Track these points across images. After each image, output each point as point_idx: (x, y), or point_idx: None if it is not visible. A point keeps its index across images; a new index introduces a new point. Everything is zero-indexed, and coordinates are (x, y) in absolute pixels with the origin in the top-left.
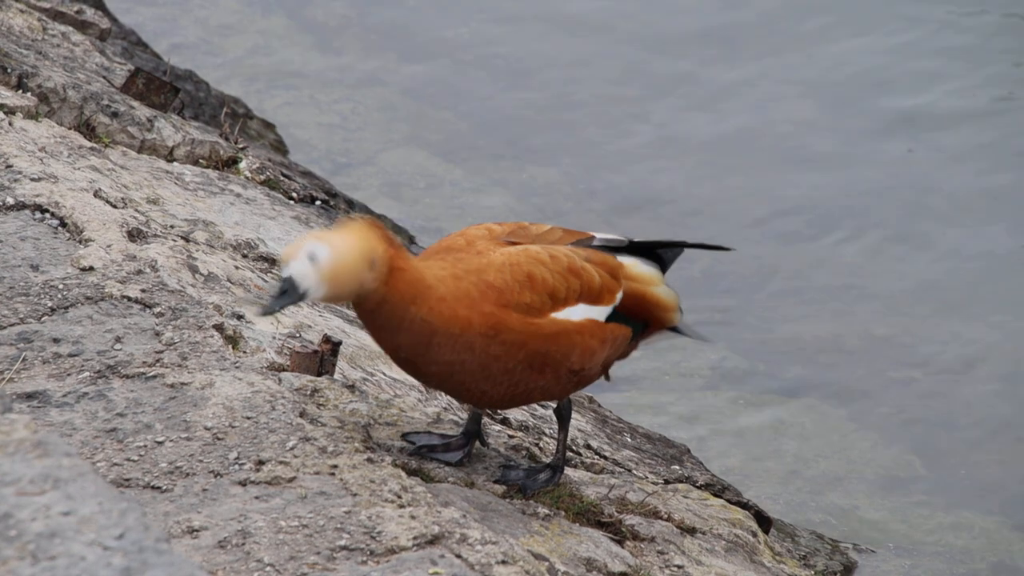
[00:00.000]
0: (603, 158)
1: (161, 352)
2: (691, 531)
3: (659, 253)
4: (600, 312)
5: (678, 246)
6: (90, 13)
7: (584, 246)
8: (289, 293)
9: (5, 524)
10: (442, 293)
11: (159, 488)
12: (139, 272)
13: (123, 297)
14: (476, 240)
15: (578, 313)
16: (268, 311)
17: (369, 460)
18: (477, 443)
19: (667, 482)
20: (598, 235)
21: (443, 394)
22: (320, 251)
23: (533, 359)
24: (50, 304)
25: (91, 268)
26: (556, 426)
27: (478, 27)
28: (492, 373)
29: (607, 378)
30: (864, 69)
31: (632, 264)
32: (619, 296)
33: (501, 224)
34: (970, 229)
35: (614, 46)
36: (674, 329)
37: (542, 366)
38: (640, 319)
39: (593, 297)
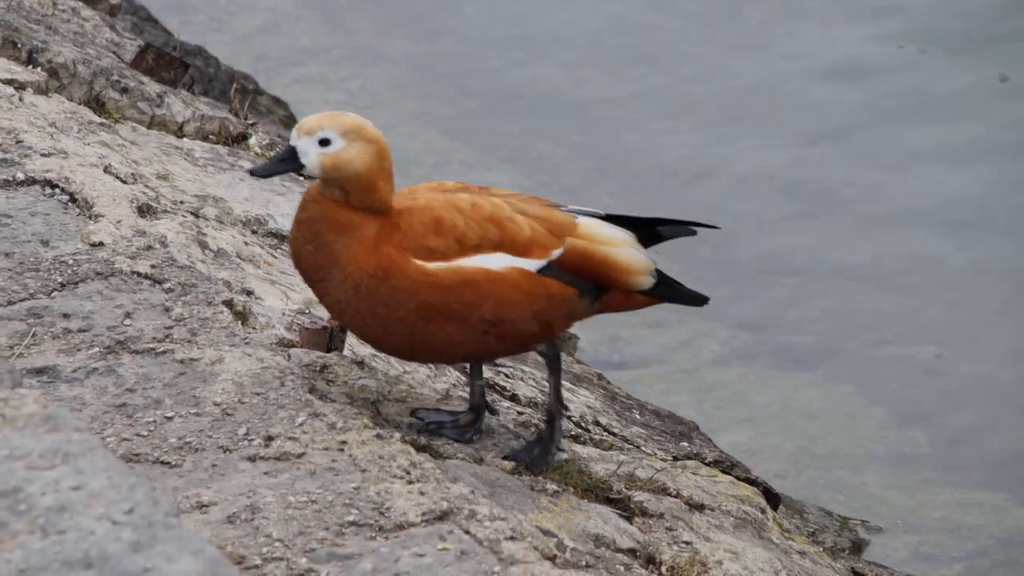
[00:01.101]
0: (613, 135)
1: (171, 328)
2: (700, 508)
3: (659, 231)
4: (526, 265)
5: (654, 223)
6: None
7: None
8: (287, 162)
9: (15, 498)
10: (363, 233)
11: (168, 463)
12: (149, 248)
13: (133, 273)
14: (417, 189)
15: (495, 262)
16: (261, 172)
17: (378, 436)
18: (487, 414)
19: (676, 459)
20: (570, 206)
21: (452, 369)
22: (335, 141)
23: (427, 311)
24: (60, 279)
25: (101, 244)
26: (570, 404)
27: (485, 4)
28: (382, 320)
29: (558, 337)
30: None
31: (590, 224)
32: (556, 252)
33: (465, 185)
34: (973, 203)
35: (624, 20)
36: (662, 297)
37: (442, 318)
38: (590, 279)
39: (518, 249)
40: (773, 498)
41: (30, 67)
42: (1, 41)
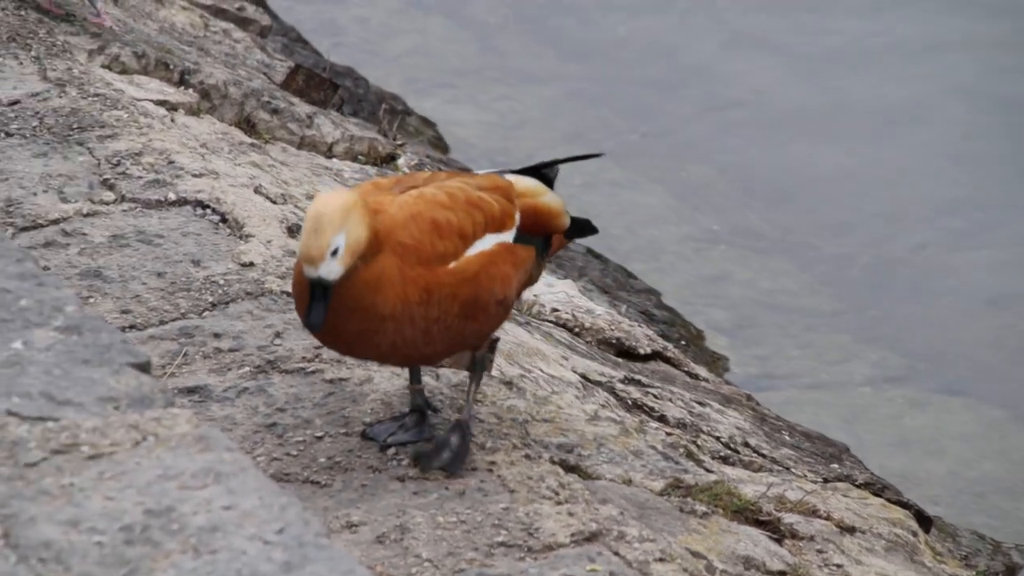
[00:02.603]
0: (762, 156)
1: (320, 347)
2: (851, 530)
3: (543, 173)
4: (507, 238)
5: (551, 164)
6: (251, 10)
7: None
8: (327, 294)
9: (168, 518)
10: (389, 274)
11: (318, 483)
12: None
13: (283, 292)
14: (366, 196)
15: (487, 244)
16: (319, 320)
17: (527, 457)
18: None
19: (826, 481)
20: (478, 172)
21: (600, 391)
22: (340, 241)
23: (466, 308)
24: (211, 299)
25: (251, 264)
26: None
27: (637, 25)
28: (433, 336)
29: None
30: None
31: (517, 180)
32: (518, 216)
33: (398, 178)
34: None
35: (773, 38)
36: (574, 234)
37: (474, 311)
38: (539, 233)
39: (497, 225)
40: (925, 521)
41: (182, 88)
42: (154, 63)
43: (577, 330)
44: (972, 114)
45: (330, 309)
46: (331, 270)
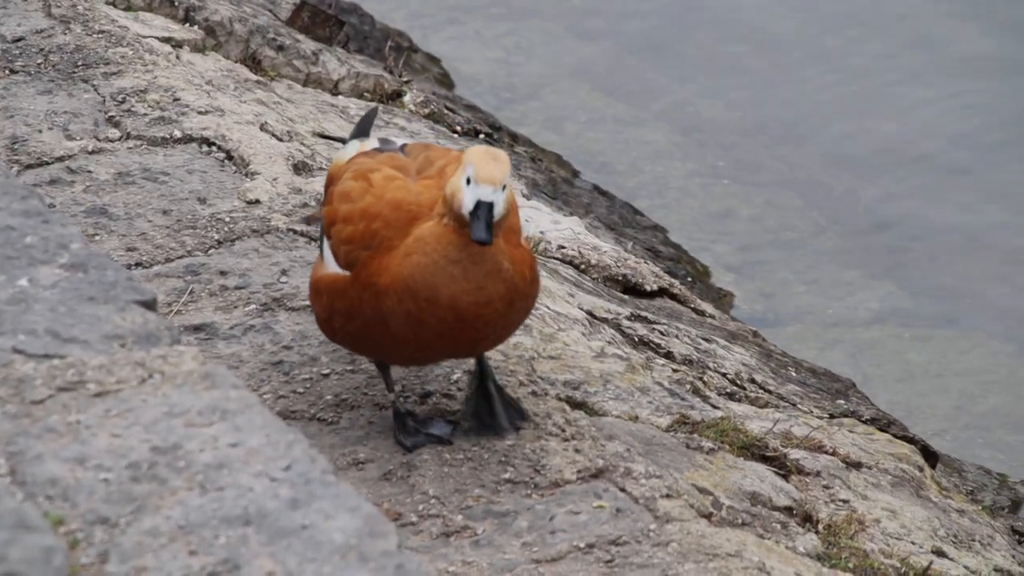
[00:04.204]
0: (771, 93)
1: None
2: (856, 465)
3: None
4: None
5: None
6: None
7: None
8: (492, 213)
9: (174, 455)
10: (519, 255)
11: (325, 420)
12: (304, 205)
13: (289, 230)
14: (419, 195)
15: None
16: (489, 239)
17: (533, 393)
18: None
19: (832, 416)
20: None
21: (607, 327)
22: (505, 185)
23: (534, 286)
24: (217, 237)
25: (257, 201)
26: (714, 359)
27: None
28: (518, 321)
29: None
30: None
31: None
32: None
33: (393, 160)
34: None
35: None
36: None
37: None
38: None
39: None
40: (931, 456)
41: (187, 25)
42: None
43: (583, 267)
44: (982, 47)
45: (506, 285)
46: (498, 199)
